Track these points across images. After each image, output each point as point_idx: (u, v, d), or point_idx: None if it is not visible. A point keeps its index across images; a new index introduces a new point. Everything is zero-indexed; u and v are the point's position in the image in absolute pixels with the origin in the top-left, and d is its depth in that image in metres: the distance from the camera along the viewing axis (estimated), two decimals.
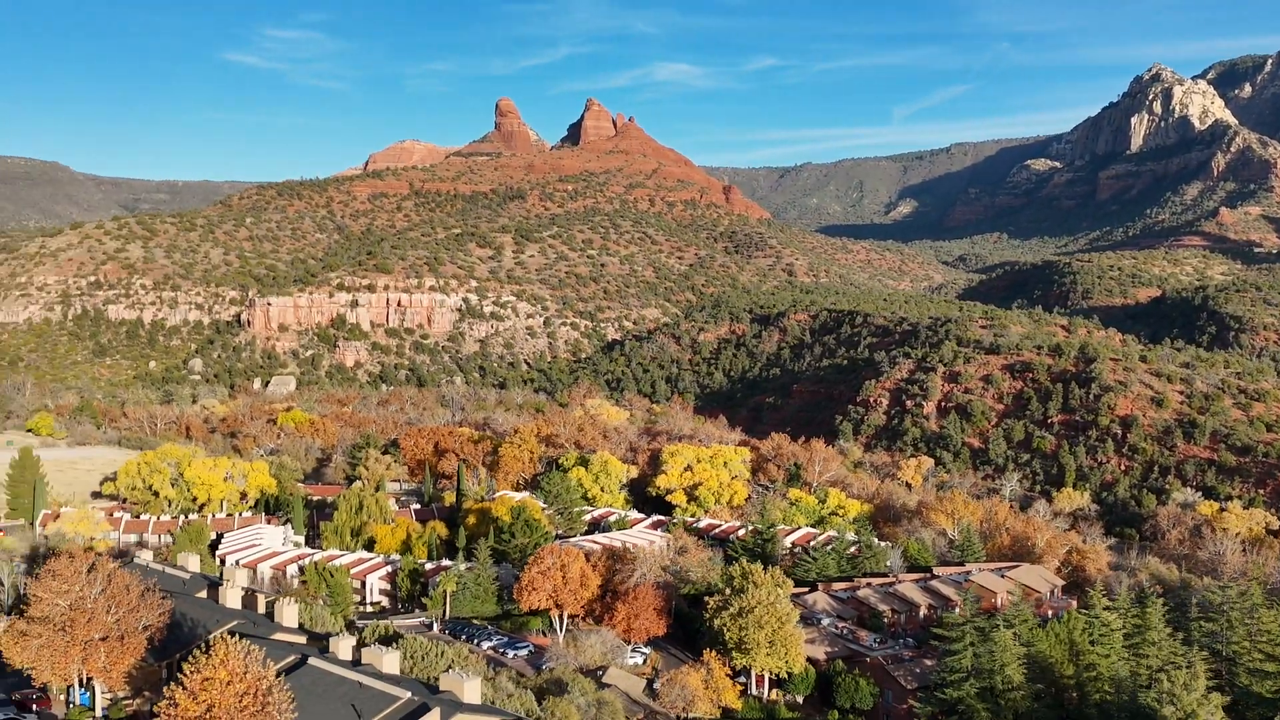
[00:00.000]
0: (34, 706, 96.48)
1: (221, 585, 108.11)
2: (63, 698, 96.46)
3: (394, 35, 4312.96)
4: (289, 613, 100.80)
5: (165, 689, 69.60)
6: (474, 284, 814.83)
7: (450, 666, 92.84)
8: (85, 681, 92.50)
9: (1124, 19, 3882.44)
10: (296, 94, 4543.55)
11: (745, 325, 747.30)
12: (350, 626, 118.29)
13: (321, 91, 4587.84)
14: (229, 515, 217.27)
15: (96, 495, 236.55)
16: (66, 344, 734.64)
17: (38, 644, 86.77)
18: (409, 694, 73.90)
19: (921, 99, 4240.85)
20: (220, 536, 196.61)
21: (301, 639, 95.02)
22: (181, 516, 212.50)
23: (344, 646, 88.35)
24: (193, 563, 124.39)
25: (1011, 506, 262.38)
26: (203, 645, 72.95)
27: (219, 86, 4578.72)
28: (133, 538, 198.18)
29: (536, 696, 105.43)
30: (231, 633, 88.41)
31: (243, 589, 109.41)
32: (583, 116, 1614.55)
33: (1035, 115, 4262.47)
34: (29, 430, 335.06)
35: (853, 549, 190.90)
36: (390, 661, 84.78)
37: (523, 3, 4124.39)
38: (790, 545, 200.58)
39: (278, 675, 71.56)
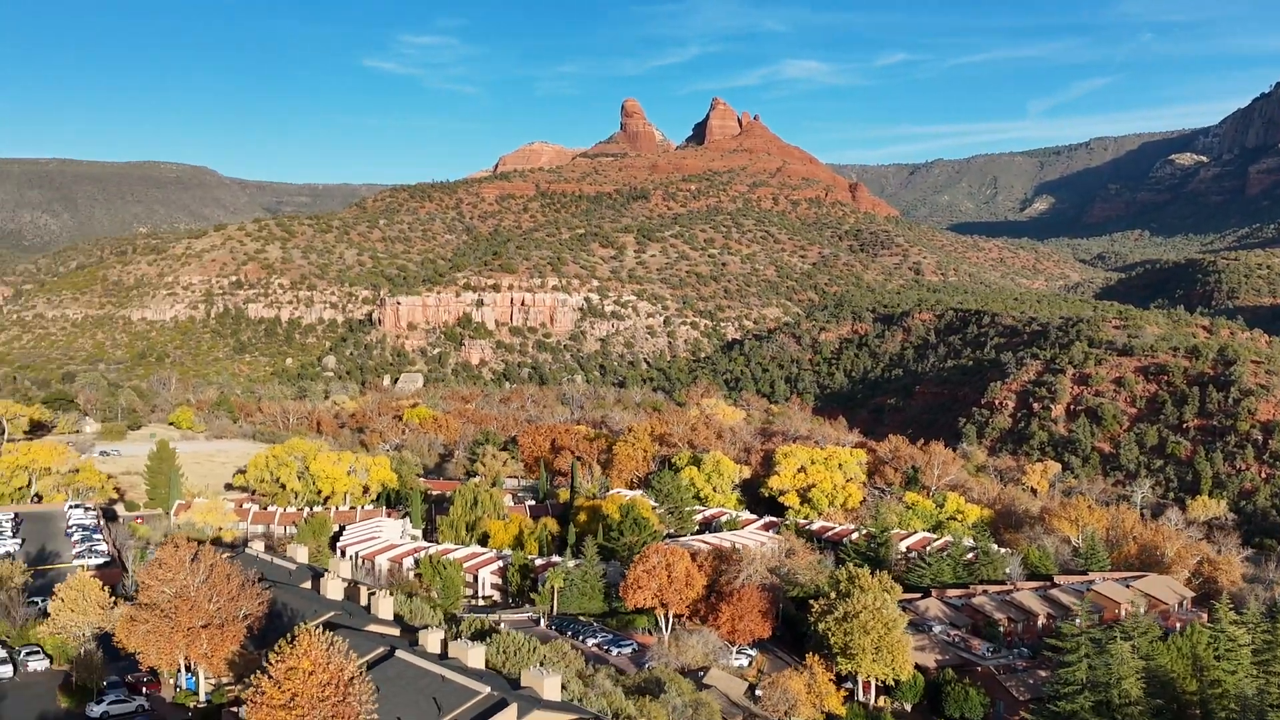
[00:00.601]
0: (144, 689, 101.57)
1: (324, 577, 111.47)
2: (172, 682, 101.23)
3: (525, 39, 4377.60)
4: (384, 605, 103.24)
5: (252, 676, 72.28)
6: (596, 283, 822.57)
7: (541, 662, 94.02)
8: (190, 667, 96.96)
9: (1276, 6, 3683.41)
10: (431, 98, 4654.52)
11: (868, 325, 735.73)
12: (453, 620, 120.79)
13: (455, 95, 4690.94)
14: (351, 508, 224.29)
15: (229, 487, 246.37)
16: (209, 341, 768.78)
17: (145, 629, 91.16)
18: (488, 689, 74.99)
19: (1059, 92, 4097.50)
20: (342, 529, 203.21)
21: (395, 631, 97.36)
22: (306, 508, 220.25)
23: (433, 640, 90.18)
24: (301, 554, 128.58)
25: (1142, 514, 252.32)
26: (288, 635, 75.47)
27: (358, 92, 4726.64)
28: (260, 528, 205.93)
29: (635, 695, 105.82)
30: (328, 624, 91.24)
31: (345, 581, 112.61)
32: (708, 115, 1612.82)
33: (1180, 108, 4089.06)
34: (171, 423, 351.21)
35: (969, 555, 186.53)
36: (475, 656, 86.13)
37: (652, 4, 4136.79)
38: (905, 550, 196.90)
39: (366, 666, 73.49)
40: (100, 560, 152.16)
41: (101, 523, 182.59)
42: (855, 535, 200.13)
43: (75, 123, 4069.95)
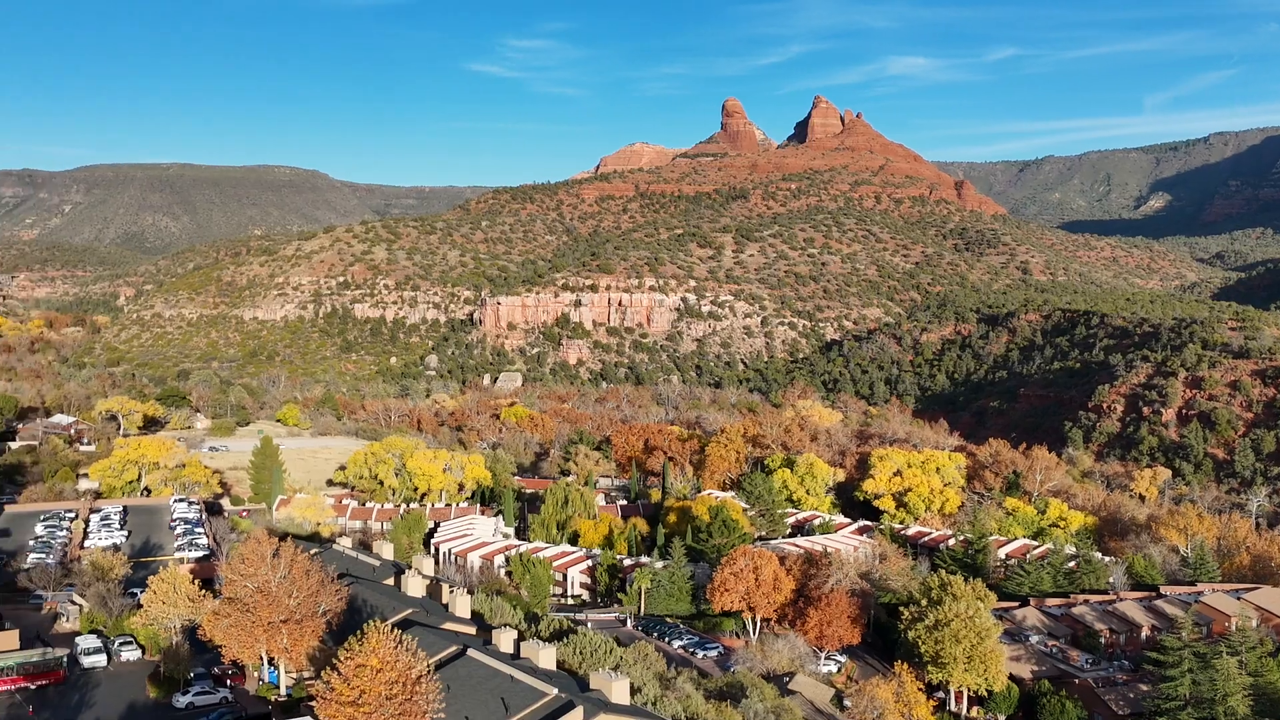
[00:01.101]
0: (229, 681, 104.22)
1: (405, 574, 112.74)
2: (256, 675, 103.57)
3: (629, 41, 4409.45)
4: (461, 603, 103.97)
5: (323, 673, 73.42)
6: (693, 284, 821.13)
7: (617, 664, 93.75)
8: (273, 660, 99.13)
9: None
10: (535, 101, 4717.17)
11: (971, 325, 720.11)
12: (534, 619, 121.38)
13: (558, 98, 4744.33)
14: (447, 505, 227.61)
15: (331, 483, 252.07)
16: (317, 340, 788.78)
17: (227, 623, 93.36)
18: (555, 690, 74.89)
19: (1177, 86, 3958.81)
20: (437, 525, 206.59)
21: (471, 630, 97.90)
22: (403, 505, 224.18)
23: (505, 639, 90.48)
24: (386, 551, 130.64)
25: (1257, 523, 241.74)
26: (359, 632, 76.37)
27: (464, 96, 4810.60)
28: (358, 524, 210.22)
29: (715, 699, 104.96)
30: (405, 621, 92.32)
31: (426, 578, 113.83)
32: (809, 114, 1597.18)
33: None
34: (278, 420, 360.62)
35: (1071, 563, 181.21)
36: (547, 656, 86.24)
37: (755, 3, 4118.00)
38: (1003, 557, 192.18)
39: (437, 665, 73.92)
40: (199, 553, 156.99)
41: (204, 516, 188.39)
42: (952, 541, 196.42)
43: (194, 129, 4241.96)
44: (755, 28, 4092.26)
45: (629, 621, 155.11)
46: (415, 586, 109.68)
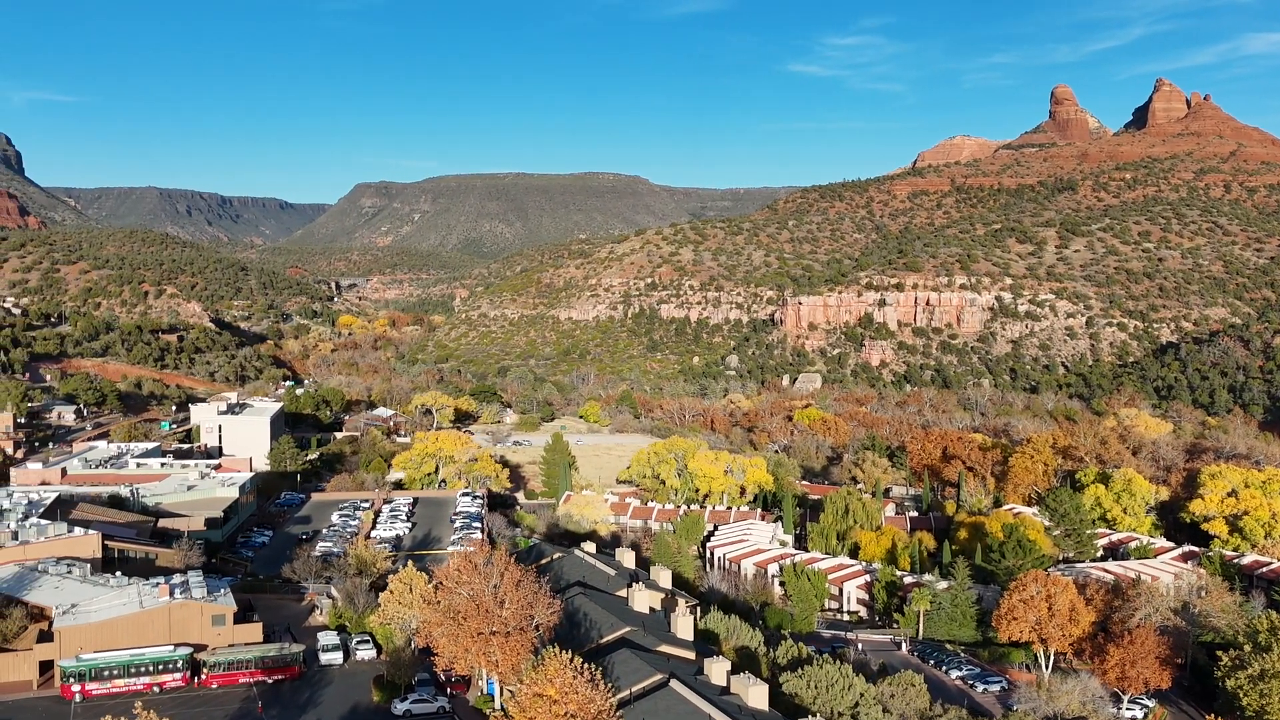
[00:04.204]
0: (450, 690, 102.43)
1: (632, 585, 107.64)
2: (481, 684, 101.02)
3: (953, 32, 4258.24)
4: (684, 624, 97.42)
5: (504, 698, 69.92)
6: (1009, 281, 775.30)
7: (856, 702, 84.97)
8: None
9: None
10: (852, 98, 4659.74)
11: None
12: (776, 640, 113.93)
13: (876, 94, 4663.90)
14: (727, 508, 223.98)
15: (619, 481, 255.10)
16: (625, 340, 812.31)
17: (439, 631, 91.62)
18: None
19: None
20: (715, 528, 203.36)
21: (688, 654, 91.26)
22: (683, 506, 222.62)
23: (718, 670, 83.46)
24: (627, 559, 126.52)
25: None
26: (539, 659, 72.28)
27: (782, 98, 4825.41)
28: (639, 523, 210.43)
29: None
30: (620, 640, 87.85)
31: (662, 591, 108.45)
32: (1150, 98, 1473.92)
33: None
34: (580, 416, 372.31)
35: None
36: (757, 695, 78.63)
37: None
38: None
39: (636, 696, 68.69)
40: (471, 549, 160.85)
41: (484, 511, 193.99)
42: None
43: (528, 140, 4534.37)
44: (1093, 11, 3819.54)
45: (904, 645, 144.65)
46: (642, 600, 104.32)
